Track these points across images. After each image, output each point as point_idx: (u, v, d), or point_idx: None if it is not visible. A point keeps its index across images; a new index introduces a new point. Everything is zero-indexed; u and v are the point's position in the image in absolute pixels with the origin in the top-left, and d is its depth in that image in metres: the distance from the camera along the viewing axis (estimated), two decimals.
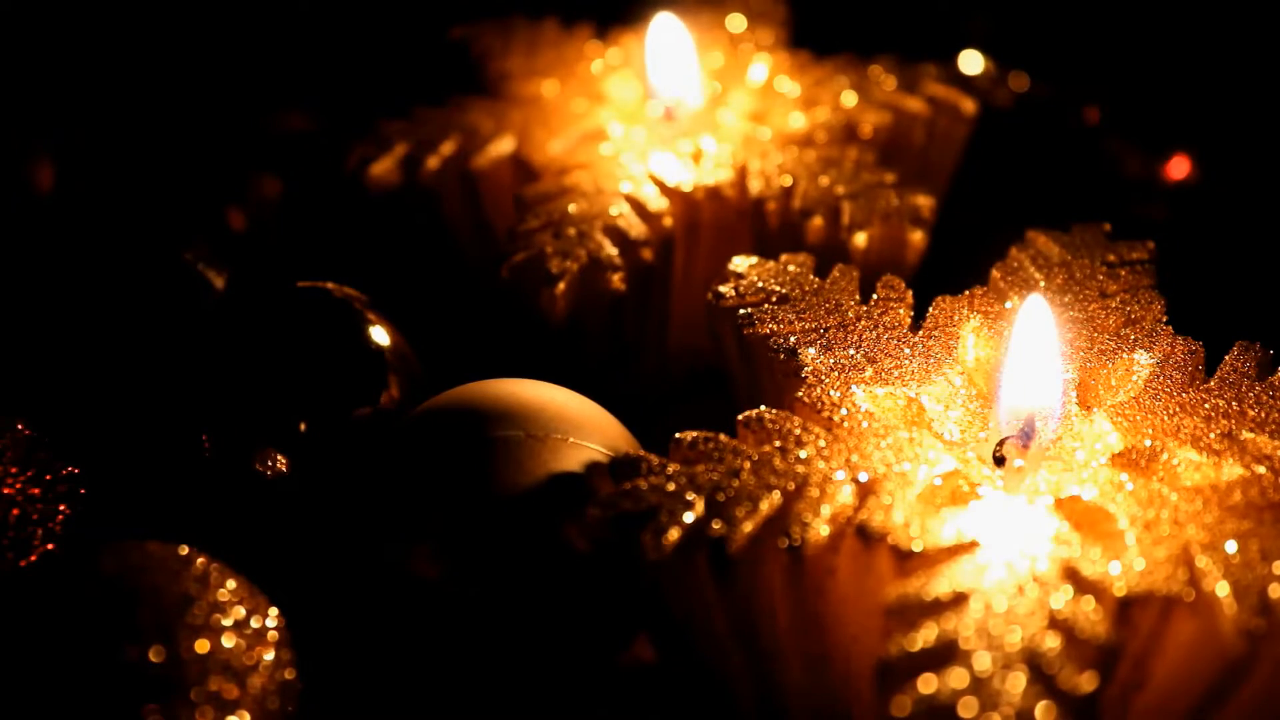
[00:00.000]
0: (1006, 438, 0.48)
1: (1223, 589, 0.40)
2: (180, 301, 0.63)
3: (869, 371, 0.50)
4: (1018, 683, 0.38)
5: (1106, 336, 0.53)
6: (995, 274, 0.57)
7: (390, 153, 0.68)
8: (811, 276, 0.55)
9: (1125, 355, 0.52)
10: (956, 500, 0.45)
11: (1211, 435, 0.47)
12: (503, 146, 0.68)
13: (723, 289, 0.55)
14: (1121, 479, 0.45)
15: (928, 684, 0.38)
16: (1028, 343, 0.49)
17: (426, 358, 0.59)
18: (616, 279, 0.61)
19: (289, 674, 0.45)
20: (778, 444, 0.46)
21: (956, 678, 0.38)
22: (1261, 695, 0.42)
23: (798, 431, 0.46)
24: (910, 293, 0.55)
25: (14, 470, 0.52)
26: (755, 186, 0.64)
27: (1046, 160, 0.82)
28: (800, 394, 0.49)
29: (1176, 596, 0.40)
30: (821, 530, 0.43)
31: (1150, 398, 0.50)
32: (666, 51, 0.71)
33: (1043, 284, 0.56)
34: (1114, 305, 0.55)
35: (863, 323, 0.53)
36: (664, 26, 0.72)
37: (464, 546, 0.49)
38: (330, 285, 0.59)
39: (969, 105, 0.72)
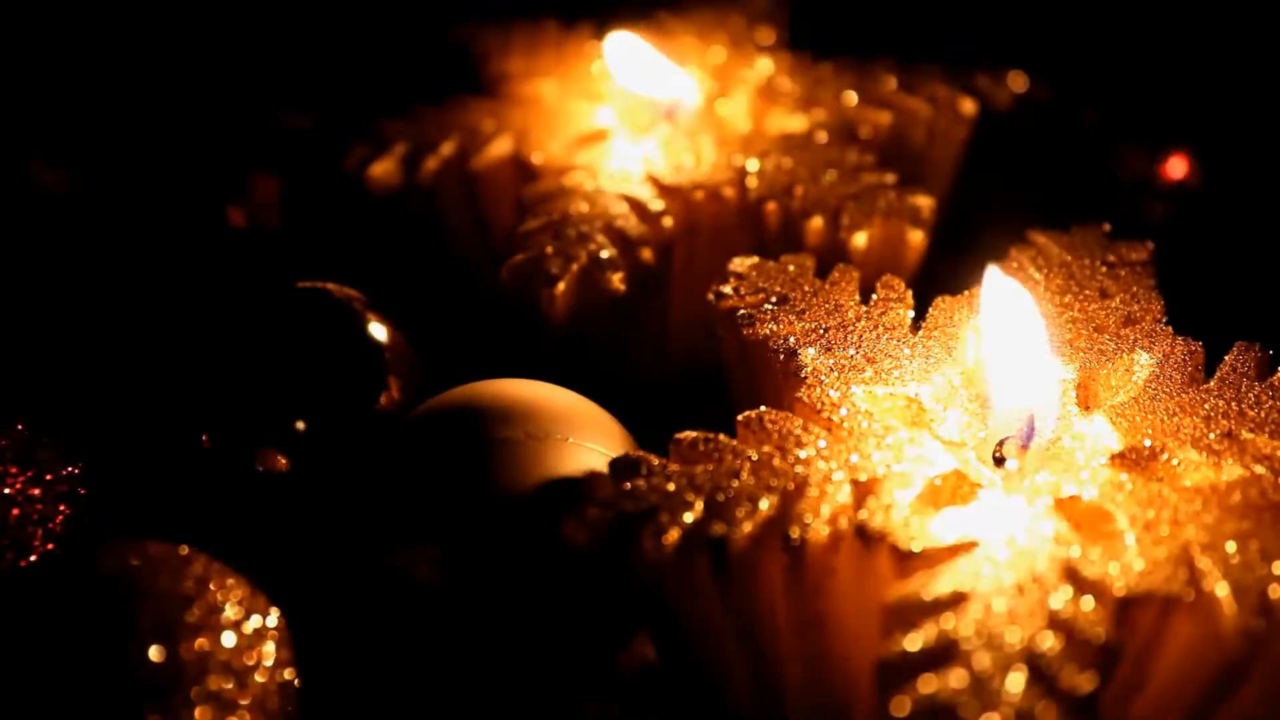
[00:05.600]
0: (1006, 438, 0.48)
1: (1223, 589, 0.40)
2: (180, 301, 0.63)
3: (869, 371, 0.50)
4: (1017, 683, 0.38)
5: (1106, 336, 0.53)
6: None
7: (390, 153, 0.68)
8: (811, 277, 0.55)
9: (1125, 355, 0.52)
10: (956, 500, 0.45)
11: (1211, 435, 0.47)
12: (503, 146, 0.68)
13: (723, 289, 0.55)
14: (1121, 479, 0.45)
15: (928, 684, 0.38)
16: (1004, 326, 0.49)
17: (426, 358, 0.59)
18: (616, 279, 0.61)
19: (289, 674, 0.45)
20: (778, 444, 0.46)
21: (956, 678, 0.38)
22: (1261, 695, 0.42)
23: (798, 431, 0.46)
24: (910, 293, 0.55)
25: (14, 470, 0.52)
26: (755, 187, 0.64)
27: (1046, 160, 0.82)
28: (800, 394, 0.49)
29: (1176, 596, 0.40)
30: (821, 530, 0.43)
31: (1150, 398, 0.50)
32: (631, 66, 0.71)
33: (1043, 284, 0.56)
34: (1114, 305, 0.55)
35: (863, 323, 0.53)
36: (618, 46, 0.72)
37: (464, 547, 0.49)
38: (330, 285, 0.59)
39: (969, 105, 0.72)
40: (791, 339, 0.52)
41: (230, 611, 0.45)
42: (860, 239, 0.62)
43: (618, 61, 0.72)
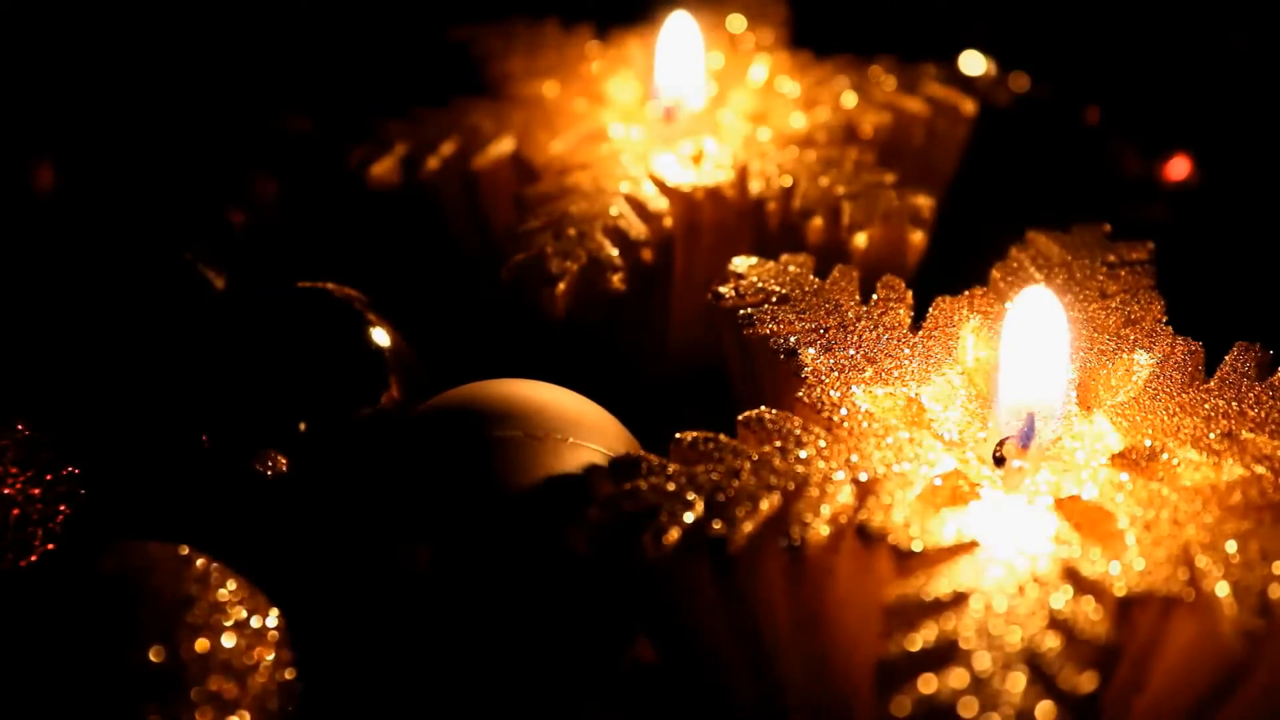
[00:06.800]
0: (1006, 438, 0.48)
1: (1223, 589, 0.40)
2: (180, 301, 0.63)
3: (869, 371, 0.50)
4: (1018, 683, 0.38)
5: (1106, 336, 0.53)
6: (995, 274, 0.57)
7: (390, 153, 0.68)
8: (811, 277, 0.55)
9: (1125, 355, 0.52)
10: (956, 500, 0.45)
11: (1211, 435, 0.47)
12: (503, 147, 0.68)
13: (723, 289, 0.55)
14: (1121, 479, 0.45)
15: (928, 684, 0.38)
16: (1026, 336, 0.49)
17: (426, 358, 0.59)
18: (616, 279, 0.61)
19: (289, 674, 0.45)
20: (778, 444, 0.46)
21: (956, 678, 0.38)
22: (1261, 695, 0.42)
23: (798, 431, 0.46)
24: (910, 293, 0.55)
25: (14, 470, 0.52)
26: (755, 187, 0.64)
27: (1046, 160, 0.82)
28: (800, 394, 0.49)
29: (1176, 596, 0.40)
30: (821, 530, 0.43)
31: (1150, 398, 0.50)
32: (677, 51, 0.71)
33: (1042, 284, 0.56)
34: (1114, 305, 0.55)
35: (863, 323, 0.53)
36: (678, 25, 0.71)
37: (464, 547, 0.49)
38: (330, 285, 0.59)
39: (969, 105, 0.72)
40: (791, 339, 0.52)
41: (230, 611, 0.45)
42: (860, 239, 0.62)
43: (667, 43, 0.71)
